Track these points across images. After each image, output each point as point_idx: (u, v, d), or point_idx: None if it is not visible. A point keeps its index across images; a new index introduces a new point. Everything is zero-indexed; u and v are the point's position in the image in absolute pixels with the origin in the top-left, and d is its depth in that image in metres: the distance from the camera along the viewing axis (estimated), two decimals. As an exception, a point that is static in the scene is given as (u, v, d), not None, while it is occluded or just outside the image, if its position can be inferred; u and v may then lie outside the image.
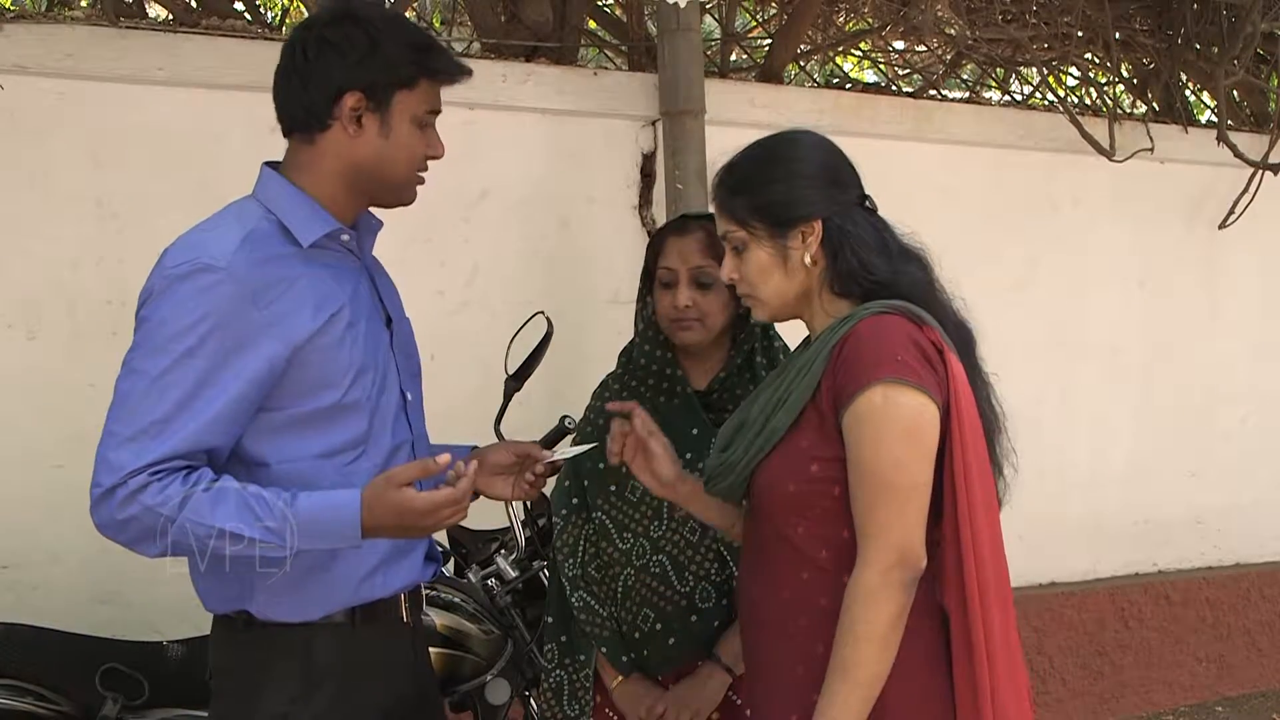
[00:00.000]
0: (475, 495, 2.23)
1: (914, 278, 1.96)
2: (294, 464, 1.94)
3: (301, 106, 1.97)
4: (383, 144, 1.98)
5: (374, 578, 2.03)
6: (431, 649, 2.63)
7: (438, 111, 2.05)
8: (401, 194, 2.06)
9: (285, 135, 2.03)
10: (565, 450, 2.23)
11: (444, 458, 1.88)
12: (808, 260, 1.95)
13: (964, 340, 1.97)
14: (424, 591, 2.27)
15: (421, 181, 2.08)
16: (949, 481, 1.85)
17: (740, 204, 1.97)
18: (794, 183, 1.96)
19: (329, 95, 1.94)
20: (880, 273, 1.93)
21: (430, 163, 2.07)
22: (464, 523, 2.75)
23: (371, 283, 2.11)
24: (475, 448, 2.29)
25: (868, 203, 2.01)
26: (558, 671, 2.54)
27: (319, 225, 1.97)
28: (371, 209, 2.11)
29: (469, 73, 2.07)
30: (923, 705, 1.87)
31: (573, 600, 2.52)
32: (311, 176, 1.99)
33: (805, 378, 1.91)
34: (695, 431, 2.46)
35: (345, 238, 2.02)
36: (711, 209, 2.07)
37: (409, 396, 2.13)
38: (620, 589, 2.50)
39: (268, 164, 2.05)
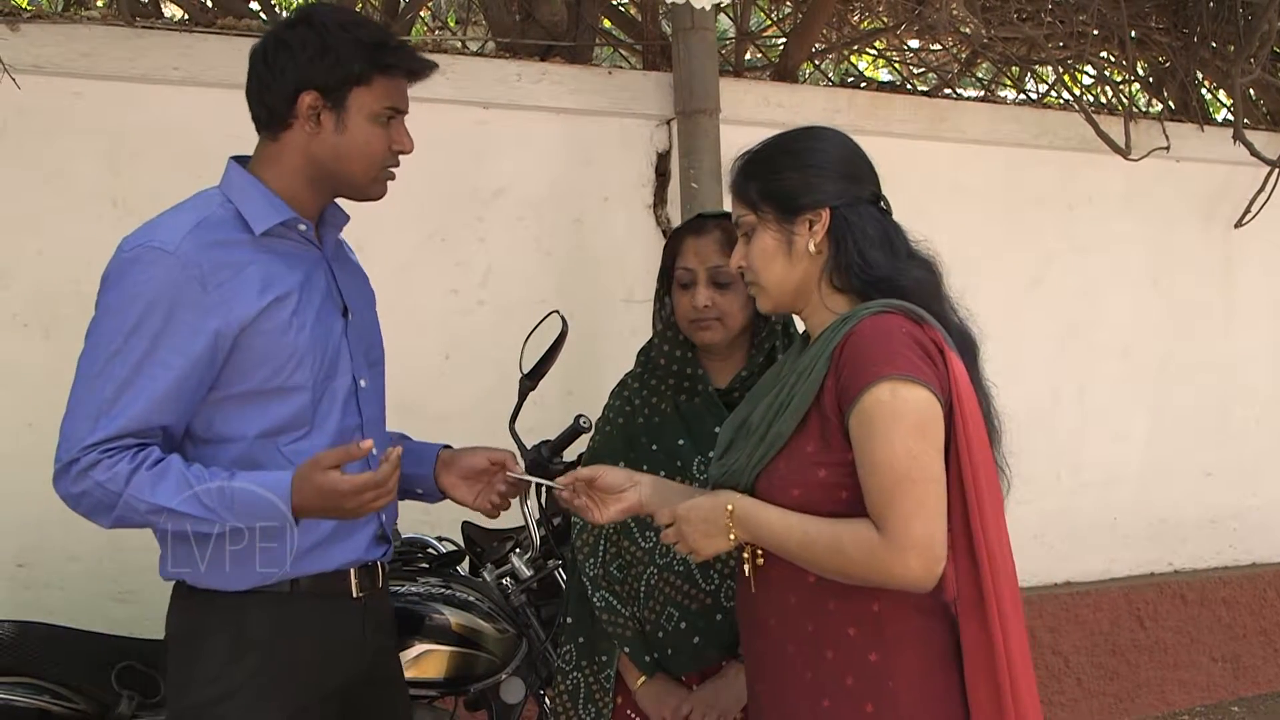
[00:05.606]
0: (442, 496, 2.29)
1: (917, 278, 1.94)
2: (239, 442, 2.02)
3: (265, 107, 2.07)
4: (339, 140, 2.06)
5: (313, 553, 2.07)
6: (446, 647, 2.64)
7: (400, 109, 2.10)
8: (366, 189, 2.13)
9: (258, 132, 2.11)
10: (525, 474, 2.26)
11: (367, 443, 1.92)
12: (811, 248, 1.95)
13: (967, 349, 1.95)
14: (382, 571, 2.24)
15: (391, 177, 2.15)
16: (955, 478, 1.83)
17: (753, 188, 1.99)
18: (807, 170, 1.97)
19: (287, 95, 2.04)
20: (880, 269, 1.92)
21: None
22: (479, 521, 2.78)
23: (330, 273, 2.17)
24: (446, 447, 2.32)
25: (882, 203, 2.01)
26: (575, 674, 2.53)
27: (273, 214, 2.05)
28: (340, 202, 2.18)
29: (429, 67, 2.13)
30: (936, 707, 1.86)
31: (594, 599, 2.50)
32: (275, 171, 2.08)
33: (807, 381, 1.89)
34: (718, 430, 2.44)
35: (302, 228, 2.10)
36: (728, 199, 2.08)
37: (362, 383, 2.18)
38: (643, 588, 2.48)
39: (234, 158, 2.13)
